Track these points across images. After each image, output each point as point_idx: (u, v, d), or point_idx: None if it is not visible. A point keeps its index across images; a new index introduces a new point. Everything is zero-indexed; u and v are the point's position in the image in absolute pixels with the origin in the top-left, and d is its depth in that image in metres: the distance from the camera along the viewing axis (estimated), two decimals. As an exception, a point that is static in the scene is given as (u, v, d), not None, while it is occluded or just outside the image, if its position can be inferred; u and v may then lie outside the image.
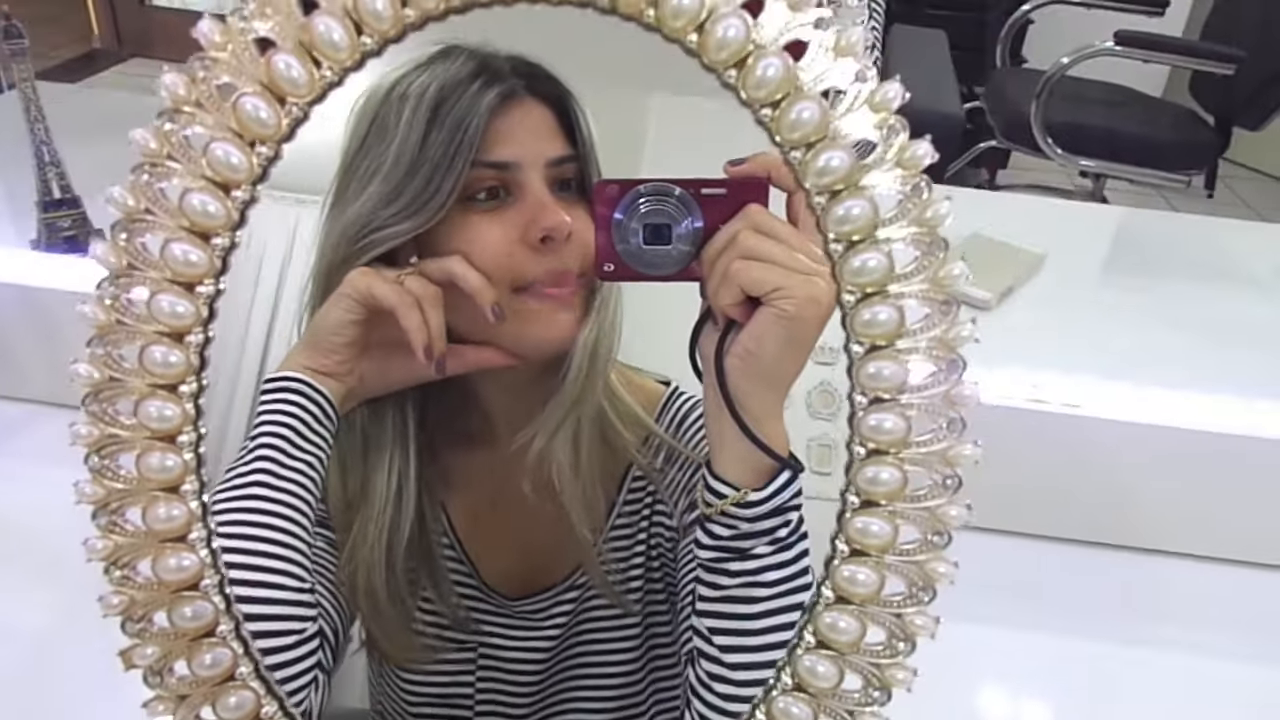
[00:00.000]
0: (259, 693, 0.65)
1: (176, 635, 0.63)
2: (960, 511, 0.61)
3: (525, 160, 0.74)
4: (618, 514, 0.87)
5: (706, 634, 0.69)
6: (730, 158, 0.64)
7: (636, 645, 0.91)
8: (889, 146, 0.57)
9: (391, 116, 0.73)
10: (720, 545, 0.68)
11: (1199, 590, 1.21)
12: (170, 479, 0.62)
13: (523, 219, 0.73)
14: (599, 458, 0.82)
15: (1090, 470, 1.20)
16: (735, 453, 0.67)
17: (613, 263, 0.66)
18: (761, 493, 0.67)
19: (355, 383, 0.76)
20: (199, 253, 0.59)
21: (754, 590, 0.68)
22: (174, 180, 0.59)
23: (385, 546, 0.80)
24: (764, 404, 0.65)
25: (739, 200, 0.64)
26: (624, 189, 0.65)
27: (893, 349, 0.60)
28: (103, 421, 0.61)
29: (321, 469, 0.74)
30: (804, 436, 0.63)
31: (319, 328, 0.75)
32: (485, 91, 0.72)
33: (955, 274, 0.59)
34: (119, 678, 0.64)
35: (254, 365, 1.15)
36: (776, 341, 0.62)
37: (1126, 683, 1.10)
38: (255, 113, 0.57)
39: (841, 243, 0.58)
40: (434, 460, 0.86)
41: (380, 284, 0.72)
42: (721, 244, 0.63)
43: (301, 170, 0.80)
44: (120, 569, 0.63)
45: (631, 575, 0.88)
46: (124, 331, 0.61)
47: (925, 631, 0.63)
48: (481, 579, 0.90)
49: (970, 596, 0.63)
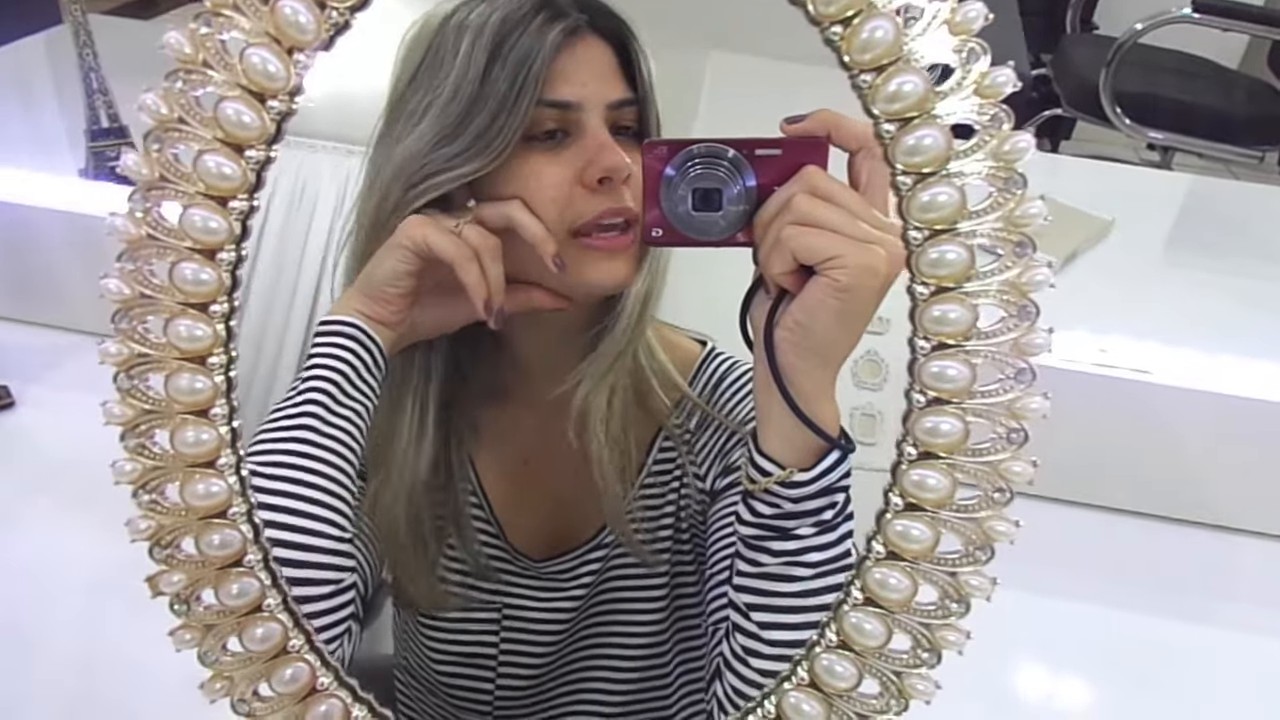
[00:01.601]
0: (286, 625, 0.63)
1: (204, 563, 0.62)
2: (1025, 468, 0.58)
3: (587, 101, 0.71)
4: (648, 473, 0.85)
5: (744, 609, 0.67)
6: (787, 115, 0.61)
7: (662, 608, 0.89)
8: (967, 71, 0.53)
9: (448, 47, 0.70)
10: (762, 523, 0.66)
11: (1263, 569, 1.17)
12: (200, 401, 0.60)
13: (581, 160, 0.70)
14: (633, 416, 0.80)
15: (1157, 440, 1.16)
16: (783, 429, 0.64)
17: (660, 227, 0.63)
18: (808, 473, 0.64)
19: (407, 329, 0.74)
20: (233, 165, 0.57)
21: (795, 570, 0.65)
22: (209, 88, 0.56)
23: (408, 487, 0.79)
24: (815, 381, 0.62)
25: (795, 161, 0.60)
26: (674, 150, 0.62)
27: (960, 291, 0.56)
28: (132, 340, 0.59)
29: (368, 416, 0.72)
30: (849, 405, 0.60)
31: (374, 276, 0.72)
32: (549, 26, 0.69)
33: (1033, 213, 0.55)
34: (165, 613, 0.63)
35: (303, 314, 1.14)
36: (829, 314, 0.59)
37: (1188, 662, 1.07)
38: (294, 16, 0.54)
39: (911, 175, 0.55)
40: (465, 415, 0.84)
41: (438, 235, 0.69)
42: (775, 208, 0.60)
43: (351, 120, 0.78)
44: (148, 493, 0.61)
45: (660, 536, 0.86)
46: (155, 247, 0.58)
47: (980, 593, 0.59)
48: (507, 539, 0.88)
49: (1026, 565, 0.60)
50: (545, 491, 0.87)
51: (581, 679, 0.92)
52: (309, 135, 1.15)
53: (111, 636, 1.02)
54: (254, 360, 1.14)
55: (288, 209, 1.16)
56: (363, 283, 0.73)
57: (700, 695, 0.90)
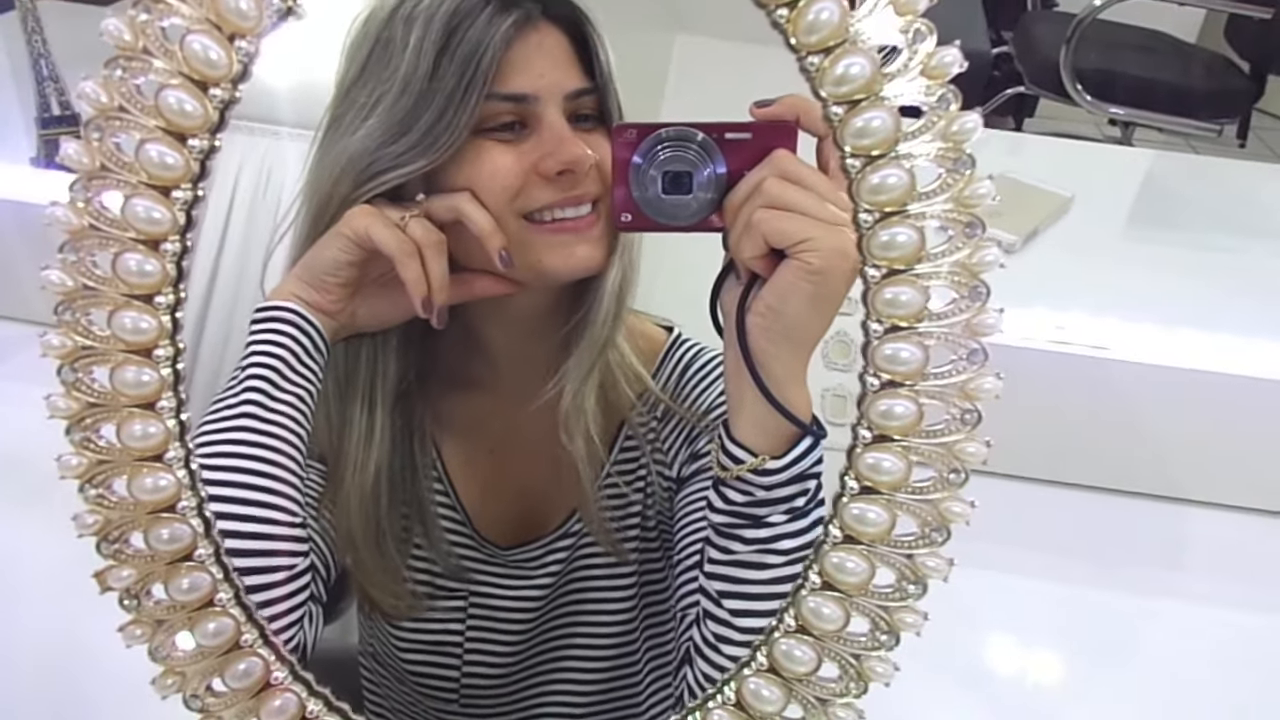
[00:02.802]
0: (239, 619, 0.62)
1: (153, 558, 0.61)
2: (979, 448, 0.58)
3: (543, 92, 0.69)
4: (613, 464, 0.84)
5: (715, 596, 0.67)
6: (756, 99, 0.61)
7: (631, 597, 0.88)
8: (914, 53, 0.53)
9: (397, 41, 0.68)
10: (734, 511, 0.66)
11: (1224, 540, 1.18)
12: (146, 394, 0.59)
13: (539, 151, 0.69)
14: (600, 410, 0.79)
15: (1115, 415, 1.17)
16: (754, 416, 0.64)
17: (630, 212, 0.63)
18: (780, 460, 0.64)
19: (347, 319, 0.73)
20: (175, 155, 0.56)
21: (767, 558, 0.65)
22: (149, 76, 0.55)
23: (360, 486, 0.77)
24: (786, 366, 0.62)
25: (765, 145, 0.60)
26: (643, 133, 0.61)
27: (911, 273, 0.56)
28: (76, 332, 0.59)
29: (312, 401, 0.71)
30: (820, 387, 0.60)
31: (314, 263, 0.71)
32: (500, 17, 0.67)
33: (981, 193, 0.55)
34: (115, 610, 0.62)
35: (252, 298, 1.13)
36: (801, 297, 0.59)
37: (1147, 634, 1.08)
38: (235, 3, 0.53)
39: (859, 158, 0.54)
40: (429, 404, 0.83)
41: (380, 228, 0.68)
42: (745, 192, 0.60)
43: (316, 107, 0.77)
44: (95, 487, 0.60)
45: (628, 525, 0.86)
46: (97, 237, 0.57)
47: (937, 574, 0.60)
48: (474, 527, 0.87)
49: (987, 544, 0.60)
50: (512, 480, 0.87)
51: (551, 669, 0.91)
52: (273, 122, 1.14)
53: (64, 633, 1.01)
54: (221, 349, 1.14)
55: (253, 196, 1.16)
56: (302, 269, 0.72)
57: (669, 682, 0.90)
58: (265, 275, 0.84)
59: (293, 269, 0.73)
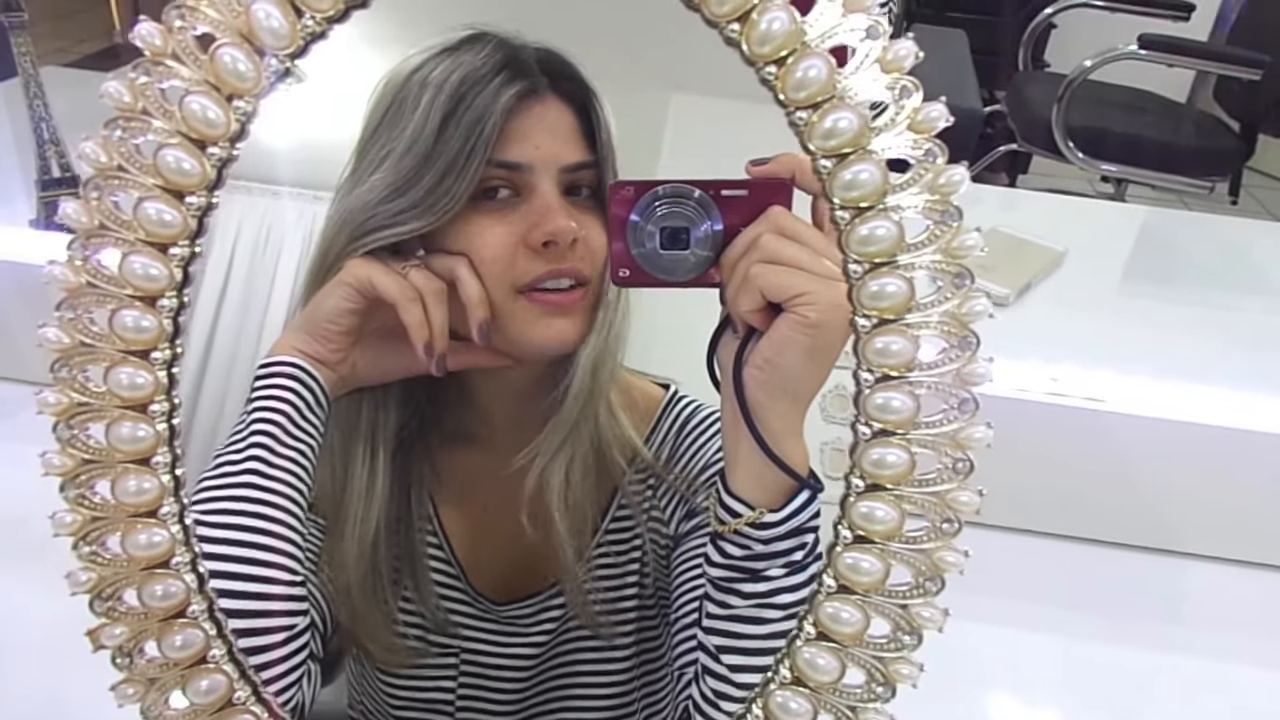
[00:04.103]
0: (232, 676, 0.62)
1: (147, 614, 0.61)
2: (971, 497, 0.58)
3: (538, 163, 0.71)
4: (605, 531, 0.85)
5: (714, 651, 0.66)
6: (751, 158, 0.62)
7: (628, 657, 0.88)
8: (900, 108, 0.54)
9: (409, 101, 0.71)
10: (732, 565, 0.66)
11: (1220, 594, 1.17)
12: (141, 450, 0.59)
13: (527, 222, 0.71)
14: (591, 481, 0.80)
15: (1110, 467, 1.17)
16: (752, 470, 0.64)
17: (628, 268, 0.63)
18: (778, 514, 0.64)
19: (348, 371, 0.74)
20: (173, 212, 0.57)
21: (765, 612, 0.65)
22: (148, 136, 0.56)
23: (360, 539, 0.78)
24: (784, 419, 0.62)
25: (761, 202, 0.61)
26: (640, 190, 0.62)
27: (901, 323, 0.56)
28: (72, 389, 0.59)
29: (314, 457, 0.71)
30: (818, 440, 0.60)
31: (315, 313, 0.72)
32: (505, 89, 0.70)
33: (969, 244, 0.55)
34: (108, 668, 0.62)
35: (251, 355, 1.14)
36: (798, 351, 0.60)
37: (1144, 689, 1.07)
38: (234, 65, 0.54)
39: (849, 210, 0.55)
40: (428, 458, 0.83)
41: (382, 274, 0.69)
42: (742, 247, 0.61)
43: (315, 167, 0.79)
44: (89, 544, 0.60)
45: (626, 586, 0.85)
46: (94, 295, 0.58)
47: (932, 624, 0.59)
48: (469, 581, 0.87)
49: (983, 596, 0.60)
50: (506, 536, 0.86)
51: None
52: (273, 181, 1.15)
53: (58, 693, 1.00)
54: (220, 405, 1.14)
55: (253, 255, 1.17)
56: (303, 320, 0.72)
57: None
58: (263, 333, 0.85)
59: (293, 322, 0.73)
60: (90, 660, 0.61)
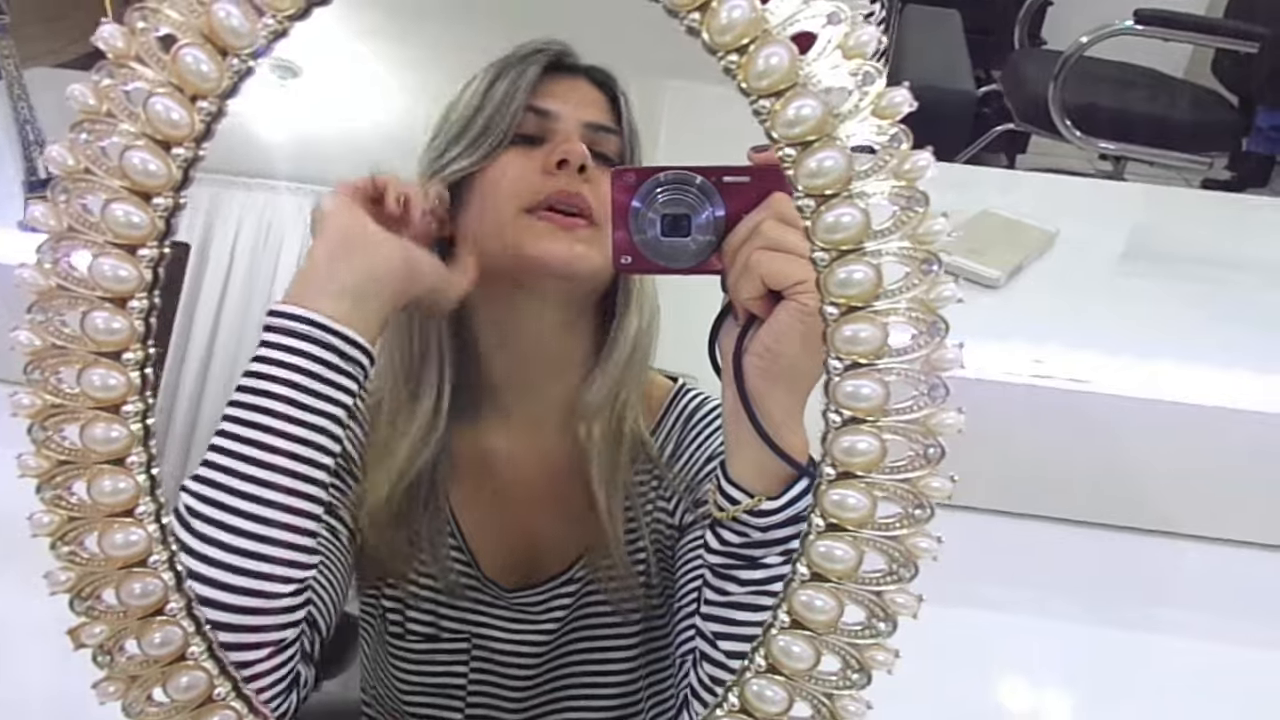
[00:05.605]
0: (211, 672, 0.62)
1: (126, 613, 0.61)
2: (943, 483, 0.58)
3: (565, 113, 0.77)
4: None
5: (711, 638, 0.67)
6: (752, 145, 0.61)
7: (635, 643, 0.88)
8: (864, 94, 0.54)
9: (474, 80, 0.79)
10: (730, 551, 0.66)
11: (1208, 573, 1.17)
12: (116, 450, 0.60)
13: (546, 154, 0.75)
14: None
15: (1097, 449, 1.16)
16: (751, 457, 0.64)
17: (630, 255, 0.64)
18: (776, 501, 0.64)
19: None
20: (141, 214, 0.57)
21: (762, 599, 0.65)
22: (114, 138, 0.56)
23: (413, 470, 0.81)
24: (783, 407, 0.63)
25: (763, 188, 0.61)
26: (642, 176, 0.63)
27: (869, 310, 0.56)
28: (45, 391, 0.59)
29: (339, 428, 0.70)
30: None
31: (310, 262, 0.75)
32: (544, 57, 0.78)
33: (936, 230, 0.55)
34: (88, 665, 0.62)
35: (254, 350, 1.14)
36: (797, 338, 0.60)
37: (1131, 669, 1.07)
38: (196, 65, 0.55)
39: (814, 198, 0.55)
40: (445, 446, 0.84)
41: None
42: (743, 234, 0.61)
43: (314, 161, 0.80)
44: (66, 544, 0.60)
45: (633, 573, 0.85)
46: (65, 297, 0.58)
47: (906, 610, 0.59)
48: (480, 569, 0.87)
49: (971, 580, 0.60)
50: (518, 522, 0.87)
51: (554, 715, 0.91)
52: (271, 176, 1.16)
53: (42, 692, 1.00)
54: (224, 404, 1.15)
55: (253, 250, 1.17)
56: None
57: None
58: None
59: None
60: (72, 659, 0.61)
